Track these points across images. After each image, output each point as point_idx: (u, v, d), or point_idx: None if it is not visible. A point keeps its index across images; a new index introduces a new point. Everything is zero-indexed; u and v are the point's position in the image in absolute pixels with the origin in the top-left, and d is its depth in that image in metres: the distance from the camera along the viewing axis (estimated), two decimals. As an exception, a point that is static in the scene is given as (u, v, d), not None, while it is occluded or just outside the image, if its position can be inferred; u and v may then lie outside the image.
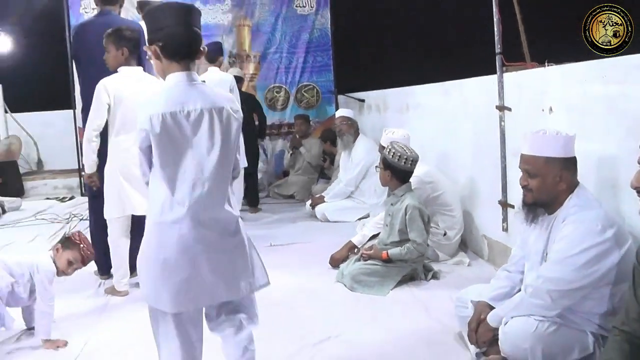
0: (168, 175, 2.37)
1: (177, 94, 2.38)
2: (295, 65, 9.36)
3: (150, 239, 2.44)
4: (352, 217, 6.67)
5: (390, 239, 4.51)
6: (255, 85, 9.33)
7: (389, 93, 7.35)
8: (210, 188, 2.39)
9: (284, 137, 9.34)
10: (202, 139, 2.38)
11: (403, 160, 4.43)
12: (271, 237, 6.09)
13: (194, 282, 2.40)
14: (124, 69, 4.32)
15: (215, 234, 2.43)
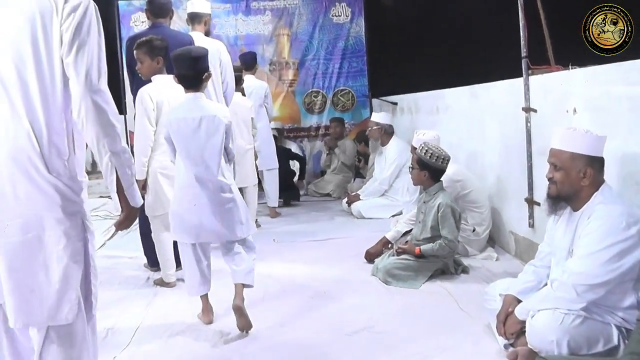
0: (182, 157, 3.61)
1: (186, 107, 3.60)
2: (331, 71, 9.34)
3: (175, 198, 3.72)
4: (386, 214, 6.63)
5: (422, 235, 4.47)
6: (294, 90, 9.34)
7: (420, 96, 7.29)
8: (206, 165, 3.57)
9: (321, 138, 9.33)
10: (200, 135, 3.55)
11: (439, 160, 4.40)
12: (309, 233, 6.12)
13: (202, 225, 3.61)
14: (158, 77, 4.33)
15: (214, 193, 3.60)
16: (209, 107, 3.62)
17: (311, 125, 9.39)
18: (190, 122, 3.54)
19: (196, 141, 3.55)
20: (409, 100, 7.78)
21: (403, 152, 6.63)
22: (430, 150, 4.41)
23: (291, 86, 9.33)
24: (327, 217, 7.02)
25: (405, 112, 7.94)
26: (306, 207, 7.72)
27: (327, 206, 7.70)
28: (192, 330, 3.73)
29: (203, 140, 3.54)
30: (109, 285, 4.68)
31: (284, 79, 9.30)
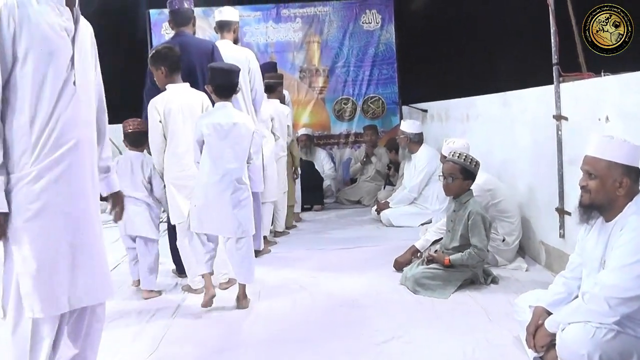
0: (212, 157, 4.03)
1: (219, 114, 4.07)
2: (361, 78, 9.32)
3: (198, 193, 4.11)
4: (415, 222, 6.60)
5: (452, 244, 4.43)
6: (324, 97, 9.34)
7: (451, 103, 7.24)
8: (233, 166, 4.03)
9: (351, 146, 9.31)
10: (229, 139, 4.02)
11: (472, 162, 4.37)
12: (338, 241, 6.12)
13: (220, 219, 4.08)
14: (170, 86, 4.41)
15: (234, 191, 4.04)
16: (239, 115, 4.12)
17: (341, 133, 9.38)
18: (223, 127, 4.01)
19: (226, 145, 4.01)
20: (439, 107, 7.74)
21: (432, 160, 6.58)
22: (469, 157, 4.38)
23: (321, 93, 9.35)
24: (356, 224, 7.00)
25: (436, 119, 7.89)
26: (336, 215, 7.72)
27: (357, 214, 7.68)
28: (218, 336, 3.75)
29: (232, 144, 4.02)
30: (137, 291, 4.73)
31: (314, 86, 9.31)
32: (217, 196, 4.06)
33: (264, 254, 5.63)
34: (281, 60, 8.92)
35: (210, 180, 4.07)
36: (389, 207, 6.87)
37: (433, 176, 6.53)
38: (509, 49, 6.74)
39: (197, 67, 4.83)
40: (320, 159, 8.85)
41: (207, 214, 4.11)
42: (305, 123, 9.21)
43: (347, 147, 9.37)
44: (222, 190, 4.05)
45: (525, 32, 5.94)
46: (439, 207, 6.29)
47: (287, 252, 5.76)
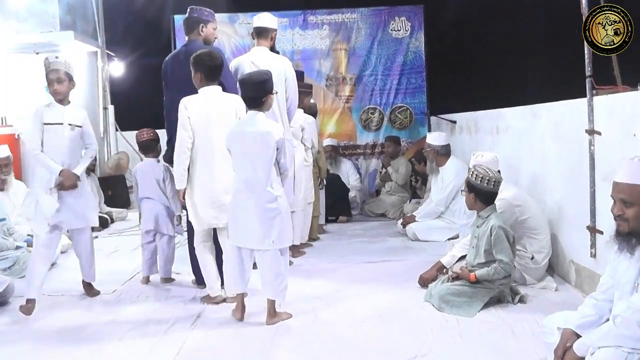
0: (237, 166, 4.16)
1: (245, 123, 4.18)
2: (389, 87, 9.34)
3: (230, 203, 4.24)
4: (442, 237, 6.58)
5: (476, 261, 4.40)
6: (351, 106, 9.38)
7: (480, 115, 7.21)
8: (257, 174, 4.07)
9: (377, 156, 9.31)
10: (253, 147, 4.07)
11: (485, 182, 4.34)
12: (362, 254, 6.12)
13: (247, 231, 4.12)
14: (202, 89, 4.51)
15: (260, 201, 4.07)
16: (265, 124, 4.13)
17: (367, 143, 9.40)
18: (247, 136, 4.09)
19: (249, 153, 4.07)
20: (468, 118, 7.71)
21: (460, 173, 6.54)
22: (476, 172, 4.37)
23: (348, 102, 9.37)
24: (381, 238, 6.99)
25: (464, 131, 7.86)
26: (360, 227, 7.71)
27: (382, 227, 7.68)
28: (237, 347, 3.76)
29: (255, 152, 4.06)
30: (156, 300, 4.80)
31: (340, 95, 9.34)
32: (242, 206, 4.12)
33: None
34: (307, 68, 8.99)
35: (236, 190, 4.17)
36: (415, 221, 6.85)
37: (460, 190, 6.48)
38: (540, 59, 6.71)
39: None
40: (345, 169, 8.87)
41: (235, 225, 4.18)
42: (331, 133, 9.24)
43: (373, 158, 9.38)
44: (245, 200, 4.10)
45: (557, 42, 5.91)
46: (467, 221, 6.24)
47: (309, 265, 5.77)
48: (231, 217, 4.22)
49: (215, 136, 4.39)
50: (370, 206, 8.58)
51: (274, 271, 4.15)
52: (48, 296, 4.92)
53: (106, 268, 5.69)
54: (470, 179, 4.40)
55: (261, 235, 4.09)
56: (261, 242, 4.10)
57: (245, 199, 4.10)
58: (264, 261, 4.16)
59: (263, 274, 4.19)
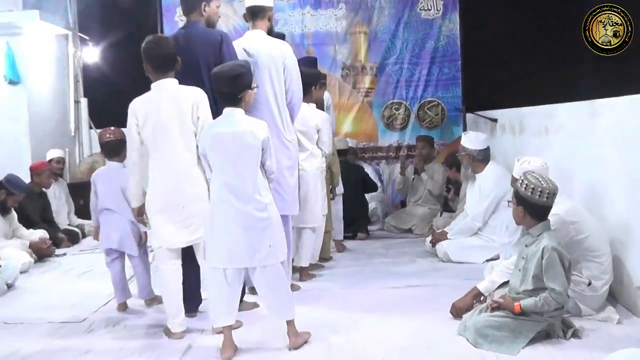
0: (217, 172, 4.18)
1: (222, 123, 4.22)
2: (417, 78, 9.37)
3: (208, 216, 4.23)
4: (479, 258, 6.57)
5: (522, 287, 4.39)
6: (372, 101, 9.39)
7: (526, 112, 7.20)
8: (241, 180, 4.12)
9: (402, 160, 9.30)
10: (234, 149, 4.11)
11: (538, 193, 4.31)
12: (383, 277, 6.13)
13: (232, 247, 4.12)
14: (154, 85, 4.60)
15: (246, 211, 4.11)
16: (245, 122, 4.21)
17: (390, 145, 9.42)
18: (225, 137, 4.14)
19: (230, 156, 4.14)
20: (511, 116, 7.70)
21: (502, 182, 6.54)
22: (526, 181, 4.34)
23: (367, 96, 9.40)
24: (406, 258, 7.00)
25: (507, 131, 7.85)
26: (381, 245, 7.73)
27: (408, 245, 7.69)
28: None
29: (237, 155, 4.13)
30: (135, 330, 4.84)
31: (359, 87, 9.37)
32: (225, 217, 4.16)
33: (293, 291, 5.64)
34: (320, 55, 8.95)
35: (215, 199, 4.21)
36: (447, 239, 6.84)
37: (502, 202, 6.49)
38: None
39: (202, 63, 4.92)
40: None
41: (216, 242, 4.20)
42: (347, 132, 9.25)
43: (397, 163, 9.37)
44: (229, 210, 4.14)
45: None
46: (509, 240, 6.24)
47: (320, 290, 5.77)
48: (210, 232, 4.23)
49: (172, 140, 4.45)
50: (393, 220, 8.60)
51: (277, 289, 4.23)
52: (4, 324, 4.96)
53: (77, 291, 5.71)
54: (519, 190, 4.38)
55: (250, 250, 4.13)
56: (251, 259, 4.15)
57: (229, 209, 4.13)
58: (264, 280, 4.20)
59: (266, 295, 4.25)
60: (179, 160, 4.47)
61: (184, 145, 4.45)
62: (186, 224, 4.47)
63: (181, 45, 4.89)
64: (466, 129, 9.02)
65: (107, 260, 5.36)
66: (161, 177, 4.51)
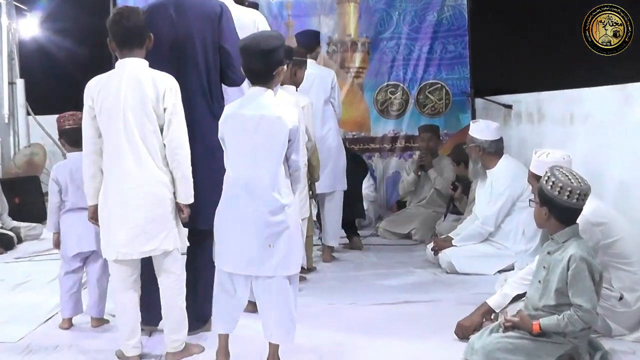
0: (232, 161, 4.21)
1: (247, 103, 4.20)
2: (417, 56, 9.38)
3: (218, 211, 4.30)
4: (490, 268, 6.56)
5: (543, 302, 4.37)
6: (363, 82, 9.38)
7: (547, 97, 7.21)
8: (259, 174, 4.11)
9: (399, 154, 9.28)
10: (256, 137, 4.09)
11: (567, 193, 4.27)
12: (376, 291, 6.14)
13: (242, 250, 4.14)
14: (118, 63, 4.53)
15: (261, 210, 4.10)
16: (274, 106, 4.16)
17: (385, 135, 9.41)
18: (248, 121, 4.13)
19: (251, 144, 4.12)
20: (529, 102, 7.71)
21: (517, 179, 6.54)
22: (554, 178, 4.31)
23: (358, 77, 9.40)
24: (403, 269, 6.99)
25: (524, 119, 7.86)
26: (374, 253, 7.74)
27: (405, 253, 7.71)
28: None
29: (259, 143, 4.10)
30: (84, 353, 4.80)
31: (348, 66, 9.36)
32: (237, 216, 4.17)
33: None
34: (301, 28, 8.85)
35: (229, 194, 4.23)
36: (452, 246, 6.85)
37: (518, 202, 6.51)
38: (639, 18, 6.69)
39: (197, 38, 4.87)
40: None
41: (225, 241, 4.25)
42: (334, 120, 9.23)
43: (393, 156, 9.37)
44: (242, 207, 4.15)
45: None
46: (526, 247, 6.24)
47: (302, 306, 5.60)
48: (219, 230, 4.27)
49: (129, 130, 4.35)
50: (389, 224, 8.61)
51: (280, 306, 4.19)
52: None
53: (11, 306, 5.68)
54: (544, 187, 4.34)
55: (261, 256, 4.11)
56: (260, 267, 4.13)
57: (242, 206, 4.13)
58: (267, 293, 4.18)
59: (265, 310, 4.21)
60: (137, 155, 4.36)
61: (141, 138, 4.33)
62: (143, 231, 4.37)
63: (171, 16, 4.85)
64: (475, 116, 9.02)
65: (66, 268, 5.30)
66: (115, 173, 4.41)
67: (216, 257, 4.30)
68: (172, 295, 4.45)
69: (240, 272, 4.19)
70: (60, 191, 5.30)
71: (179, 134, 4.36)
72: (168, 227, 4.38)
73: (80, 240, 5.21)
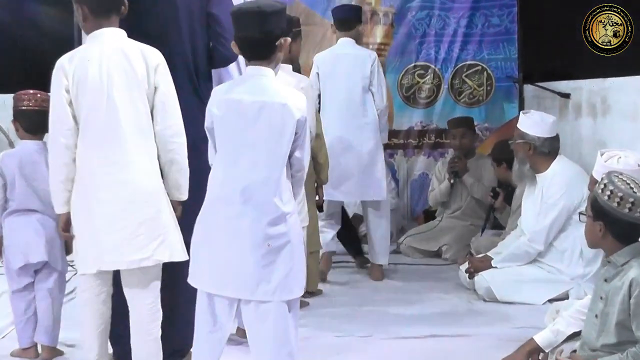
0: (224, 158, 4.13)
1: (245, 86, 4.12)
2: (453, 30, 9.37)
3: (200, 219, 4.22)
4: (539, 297, 6.56)
5: (601, 340, 4.33)
6: (385, 62, 9.33)
7: (615, 85, 7.16)
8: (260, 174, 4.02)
9: (427, 152, 9.26)
10: (257, 128, 4.01)
11: (628, 205, 4.22)
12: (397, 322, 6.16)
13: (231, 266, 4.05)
14: (90, 36, 4.48)
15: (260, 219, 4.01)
16: (278, 90, 4.10)
17: (411, 128, 9.38)
18: (245, 108, 4.03)
19: (249, 138, 4.03)
20: (591, 90, 7.67)
21: (574, 187, 6.53)
22: (611, 185, 4.26)
23: (379, 56, 9.29)
24: (431, 295, 7.03)
25: (585, 112, 7.82)
26: (395, 274, 7.78)
27: (433, 275, 7.77)
28: None
29: (260, 137, 4.02)
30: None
31: (367, 42, 9.31)
32: (227, 226, 4.08)
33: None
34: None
35: (216, 198, 4.14)
36: (491, 267, 6.83)
37: (574, 215, 6.45)
38: None
39: (182, 11, 4.89)
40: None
41: (207, 255, 4.14)
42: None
43: (420, 155, 9.35)
44: (235, 216, 4.04)
45: None
46: (584, 271, 6.23)
47: (304, 338, 5.63)
48: (199, 242, 4.17)
49: (116, 113, 4.34)
50: (414, 239, 8.64)
51: (277, 338, 4.08)
52: None
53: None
54: (599, 198, 4.29)
55: (257, 276, 4.01)
56: (254, 289, 4.03)
57: (235, 214, 4.03)
58: (261, 322, 4.08)
59: (257, 342, 4.13)
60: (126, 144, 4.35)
61: (130, 123, 4.31)
62: (133, 234, 4.34)
63: None
64: (523, 107, 8.98)
65: (14, 286, 5.27)
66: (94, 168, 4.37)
67: (192, 275, 4.17)
68: (146, 321, 4.43)
69: (227, 295, 4.08)
70: (5, 186, 5.24)
71: (174, 119, 4.40)
72: (163, 232, 4.36)
73: (28, 249, 5.15)
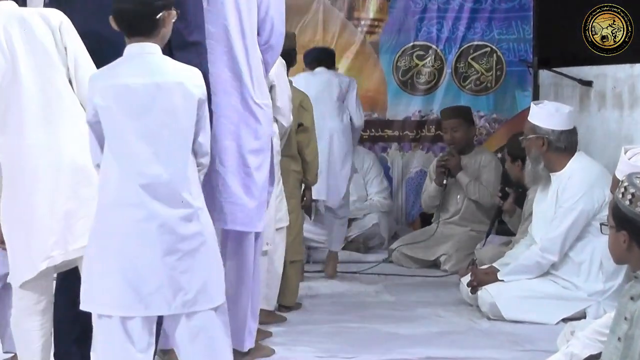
0: (117, 154, 4.03)
1: (130, 67, 4.04)
2: (458, 6, 9.37)
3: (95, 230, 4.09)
4: (551, 315, 6.61)
5: (626, 368, 4.42)
6: (379, 41, 9.37)
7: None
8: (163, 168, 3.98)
9: (426, 146, 9.31)
10: (153, 114, 3.98)
11: None
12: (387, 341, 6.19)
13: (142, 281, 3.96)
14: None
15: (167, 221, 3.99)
16: (170, 67, 4.09)
17: (407, 117, 9.42)
18: (137, 93, 3.97)
19: (145, 125, 3.99)
20: (618, 77, 7.71)
21: (595, 189, 6.58)
22: (632, 189, 4.33)
23: (373, 33, 9.43)
24: (428, 311, 7.07)
25: (609, 102, 7.88)
26: (385, 286, 7.84)
27: (430, 288, 7.81)
28: None
29: (158, 124, 3.99)
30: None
31: (358, 18, 9.37)
32: (133, 233, 4.01)
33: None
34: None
35: (118, 202, 4.05)
36: (498, 280, 6.87)
37: (594, 222, 6.52)
38: None
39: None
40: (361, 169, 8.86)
41: (110, 272, 4.03)
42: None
43: (418, 149, 9.38)
44: (138, 220, 3.99)
45: None
46: (604, 286, 6.28)
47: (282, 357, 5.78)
48: (97, 257, 4.07)
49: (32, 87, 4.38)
50: (409, 246, 8.65)
51: (214, 349, 4.13)
52: None
53: None
54: (620, 204, 4.36)
55: (173, 286, 3.98)
56: (170, 302, 4.00)
57: (140, 219, 3.98)
58: (192, 335, 4.10)
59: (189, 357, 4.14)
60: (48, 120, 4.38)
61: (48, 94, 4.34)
62: (75, 217, 4.36)
63: None
64: (538, 96, 9.02)
65: None
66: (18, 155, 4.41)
67: (89, 299, 4.04)
68: None
69: (145, 314, 4.01)
70: None
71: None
72: None
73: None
